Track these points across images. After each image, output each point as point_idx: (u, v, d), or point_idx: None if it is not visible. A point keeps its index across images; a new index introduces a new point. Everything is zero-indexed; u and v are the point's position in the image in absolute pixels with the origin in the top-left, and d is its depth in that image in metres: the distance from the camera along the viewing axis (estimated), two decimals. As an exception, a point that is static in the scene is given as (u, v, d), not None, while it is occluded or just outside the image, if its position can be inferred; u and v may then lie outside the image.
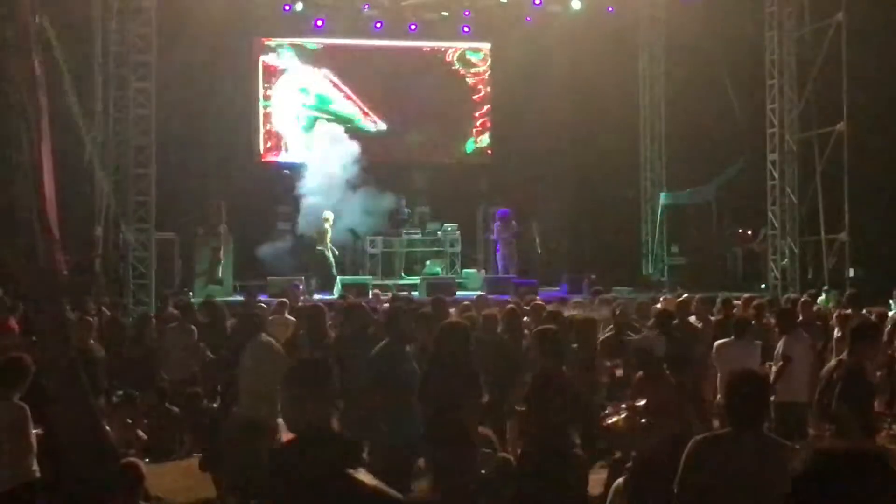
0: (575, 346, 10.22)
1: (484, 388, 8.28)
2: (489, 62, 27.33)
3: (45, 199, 7.99)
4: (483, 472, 7.82)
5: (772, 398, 10.15)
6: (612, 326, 11.88)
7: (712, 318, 12.78)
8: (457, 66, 27.31)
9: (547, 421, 7.34)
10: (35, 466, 7.01)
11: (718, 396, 6.34)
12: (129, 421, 11.14)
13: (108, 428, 8.62)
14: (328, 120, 26.04)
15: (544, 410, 7.37)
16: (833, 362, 8.66)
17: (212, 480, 9.57)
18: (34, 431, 7.10)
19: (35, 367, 7.36)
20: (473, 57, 27.36)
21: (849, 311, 12.18)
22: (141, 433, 11.33)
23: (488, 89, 27.35)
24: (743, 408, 4.88)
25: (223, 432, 9.49)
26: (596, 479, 8.39)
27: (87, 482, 7.19)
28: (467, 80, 27.40)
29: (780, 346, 10.26)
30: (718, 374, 9.74)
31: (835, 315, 11.64)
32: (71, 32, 17.47)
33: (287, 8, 24.55)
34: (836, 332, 10.81)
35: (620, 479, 7.02)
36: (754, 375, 5.20)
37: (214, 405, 11.53)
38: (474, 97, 27.42)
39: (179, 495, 9.35)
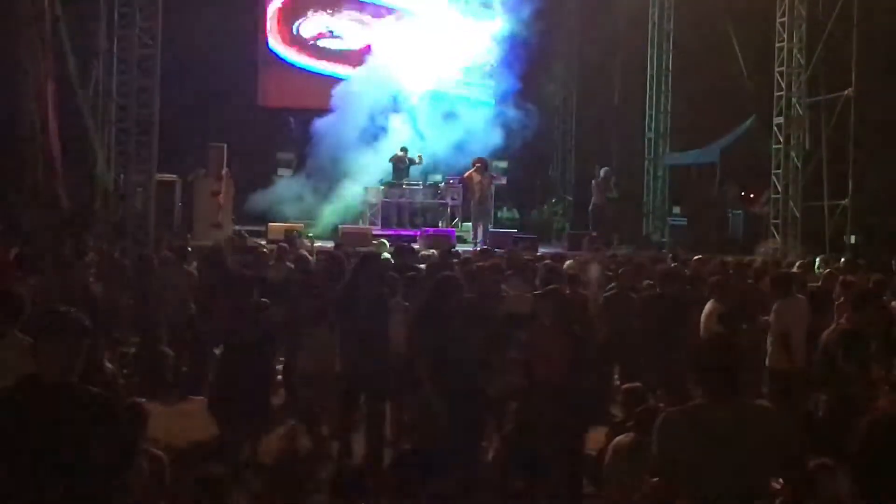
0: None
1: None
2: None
3: (49, 136, 7.94)
4: None
5: (767, 364, 10.23)
6: (614, 284, 11.87)
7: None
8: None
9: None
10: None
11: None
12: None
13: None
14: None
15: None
16: (832, 328, 8.63)
17: (216, 423, 9.55)
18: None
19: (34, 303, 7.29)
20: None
21: (850, 277, 12.14)
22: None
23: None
24: (714, 376, 4.62)
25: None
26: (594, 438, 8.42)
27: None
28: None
29: (774, 310, 10.21)
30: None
31: (838, 281, 11.58)
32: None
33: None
34: (840, 299, 10.76)
35: (622, 437, 7.00)
36: (724, 342, 4.96)
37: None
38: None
39: (174, 436, 9.36)
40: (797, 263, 14.89)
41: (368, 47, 26.05)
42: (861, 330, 8.00)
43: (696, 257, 14.36)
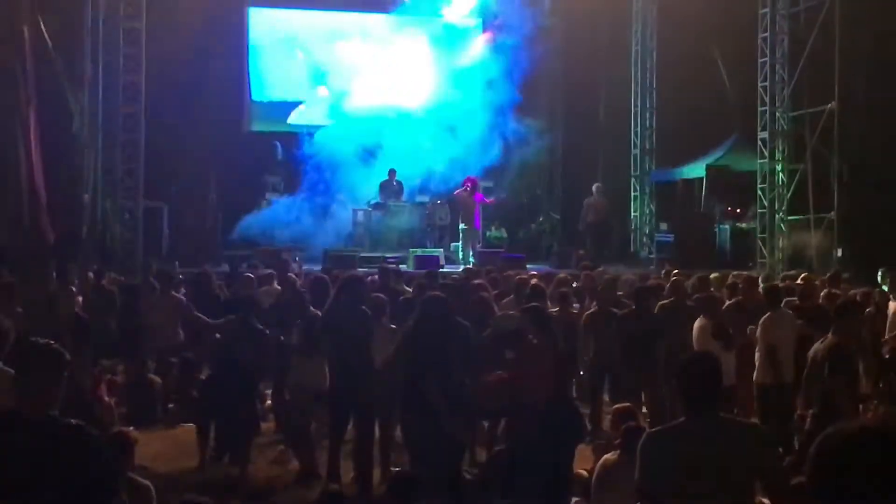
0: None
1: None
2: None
3: (33, 163, 7.94)
4: None
5: (754, 380, 10.24)
6: (595, 302, 11.91)
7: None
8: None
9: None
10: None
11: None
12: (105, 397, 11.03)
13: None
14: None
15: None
16: (819, 342, 8.64)
17: (197, 448, 9.60)
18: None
19: (19, 333, 7.27)
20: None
21: (835, 290, 12.18)
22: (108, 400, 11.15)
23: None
24: (694, 392, 4.72)
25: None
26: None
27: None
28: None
29: (760, 324, 10.20)
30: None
31: (821, 294, 11.62)
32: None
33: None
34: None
35: (608, 455, 7.02)
36: (704, 358, 5.10)
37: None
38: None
39: (163, 464, 9.37)
40: (801, 276, 14.84)
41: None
42: (846, 344, 8.03)
43: (674, 271, 14.40)
